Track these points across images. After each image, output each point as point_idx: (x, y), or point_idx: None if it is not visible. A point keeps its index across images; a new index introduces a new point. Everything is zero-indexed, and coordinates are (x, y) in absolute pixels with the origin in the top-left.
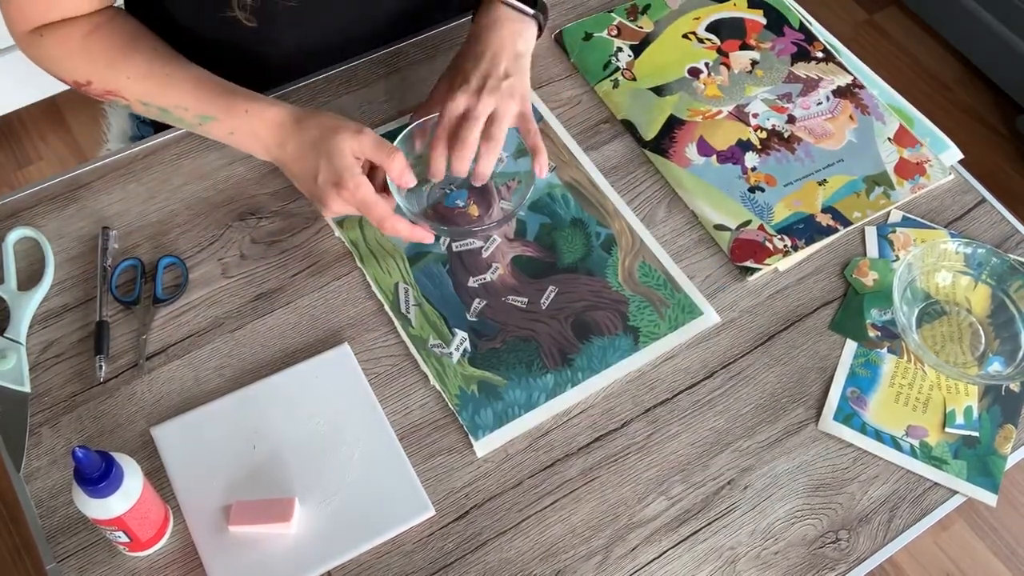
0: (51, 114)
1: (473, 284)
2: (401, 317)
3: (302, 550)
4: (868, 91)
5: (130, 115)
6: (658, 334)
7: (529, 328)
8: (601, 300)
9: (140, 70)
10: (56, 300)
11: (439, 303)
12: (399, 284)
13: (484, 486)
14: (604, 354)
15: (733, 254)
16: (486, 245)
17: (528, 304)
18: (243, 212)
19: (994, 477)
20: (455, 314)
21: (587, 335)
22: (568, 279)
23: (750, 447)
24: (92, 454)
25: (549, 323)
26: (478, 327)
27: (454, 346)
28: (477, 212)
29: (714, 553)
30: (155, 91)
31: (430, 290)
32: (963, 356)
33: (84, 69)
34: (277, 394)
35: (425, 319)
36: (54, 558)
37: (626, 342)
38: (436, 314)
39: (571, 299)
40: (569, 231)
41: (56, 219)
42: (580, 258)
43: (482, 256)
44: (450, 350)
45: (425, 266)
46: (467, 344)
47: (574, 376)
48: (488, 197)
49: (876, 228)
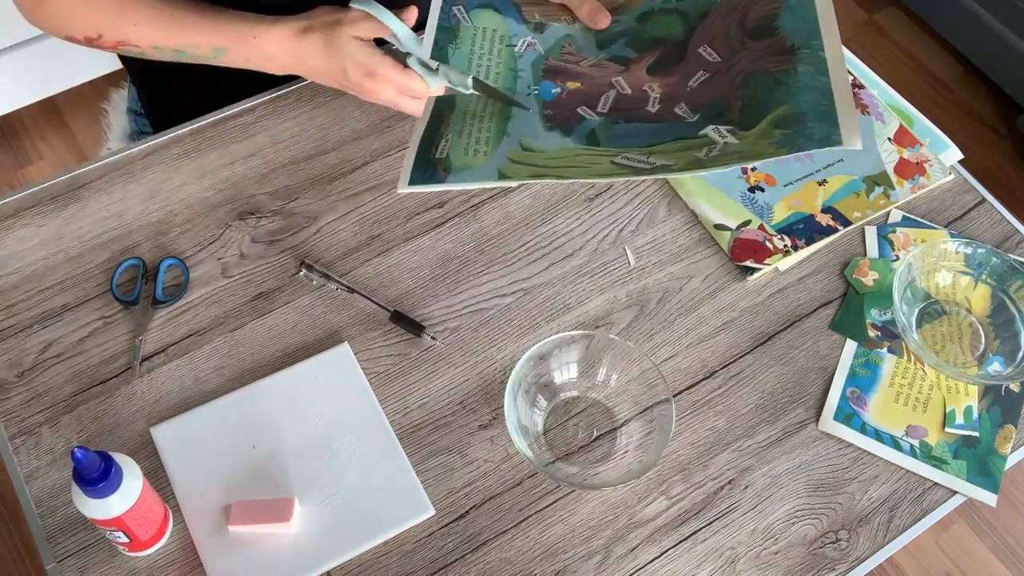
0: (51, 114)
1: (654, 108)
2: (652, 170)
3: (302, 550)
4: (868, 91)
5: (130, 114)
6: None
7: (734, 74)
8: (740, 7)
9: (147, 15)
10: (56, 300)
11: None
12: (612, 160)
13: (484, 486)
14: (799, 11)
15: (733, 254)
16: (618, 88)
17: (708, 70)
18: (243, 212)
19: (994, 477)
20: (681, 130)
21: (768, 25)
22: (700, 34)
23: (750, 447)
24: (91, 454)
25: (737, 56)
26: (708, 115)
27: (719, 137)
28: (578, 84)
29: (714, 553)
30: (164, 33)
31: (640, 140)
32: (963, 356)
33: (93, 22)
34: (277, 394)
35: (670, 152)
36: (54, 558)
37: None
38: (672, 143)
39: (724, 34)
40: (649, 22)
41: (56, 219)
42: (683, 20)
43: (628, 93)
44: (722, 141)
45: (607, 136)
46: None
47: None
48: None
49: (876, 228)
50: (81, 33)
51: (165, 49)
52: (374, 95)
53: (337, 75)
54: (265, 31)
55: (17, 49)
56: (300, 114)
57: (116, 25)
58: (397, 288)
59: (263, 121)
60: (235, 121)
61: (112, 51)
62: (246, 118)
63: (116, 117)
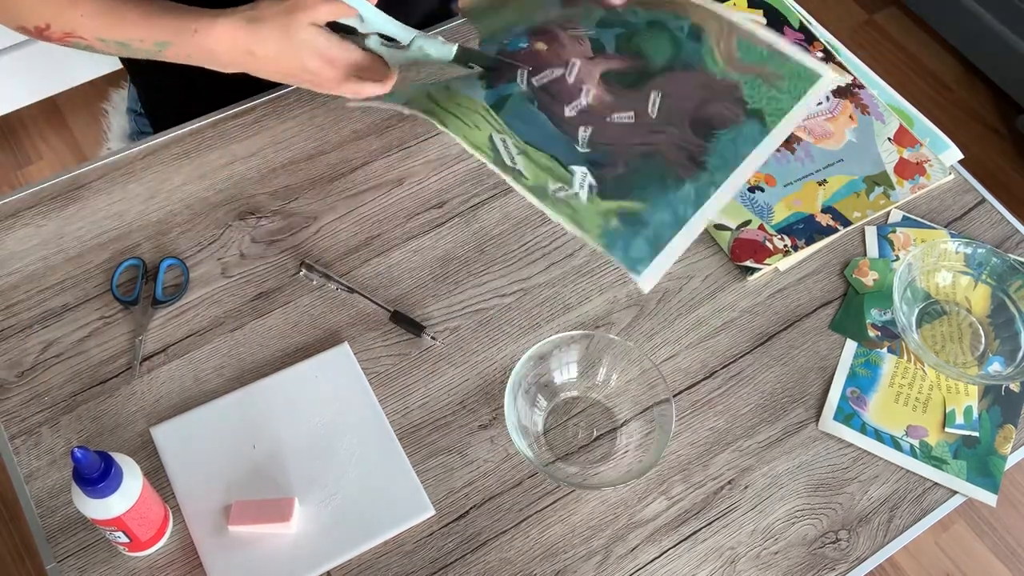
0: (51, 114)
1: (570, 113)
2: (510, 171)
3: (302, 550)
4: (868, 91)
5: (130, 115)
6: (784, 109)
7: (646, 142)
8: (711, 91)
9: (93, 6)
10: (56, 300)
11: (544, 143)
12: (492, 136)
13: (484, 486)
14: (735, 145)
15: (733, 254)
16: (567, 69)
17: (636, 118)
18: (243, 212)
19: (994, 477)
20: (565, 151)
21: (710, 131)
22: (668, 79)
23: (750, 447)
24: (91, 454)
25: (666, 130)
26: (593, 157)
27: (577, 184)
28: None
29: (714, 553)
30: (109, 26)
31: (529, 132)
32: (963, 356)
33: (41, 11)
34: (277, 394)
35: (536, 165)
36: (54, 558)
37: (753, 126)
38: (546, 156)
39: (680, 100)
40: (648, 32)
41: (56, 219)
42: (672, 55)
43: (569, 81)
44: (575, 190)
45: (513, 110)
46: (590, 178)
47: (712, 177)
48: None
49: (876, 228)
50: (30, 23)
51: (110, 42)
52: (333, 86)
53: (293, 68)
54: (207, 25)
55: (17, 49)
56: (300, 114)
57: (63, 16)
58: (397, 288)
59: (263, 121)
60: (235, 121)
61: (60, 43)
62: (246, 118)
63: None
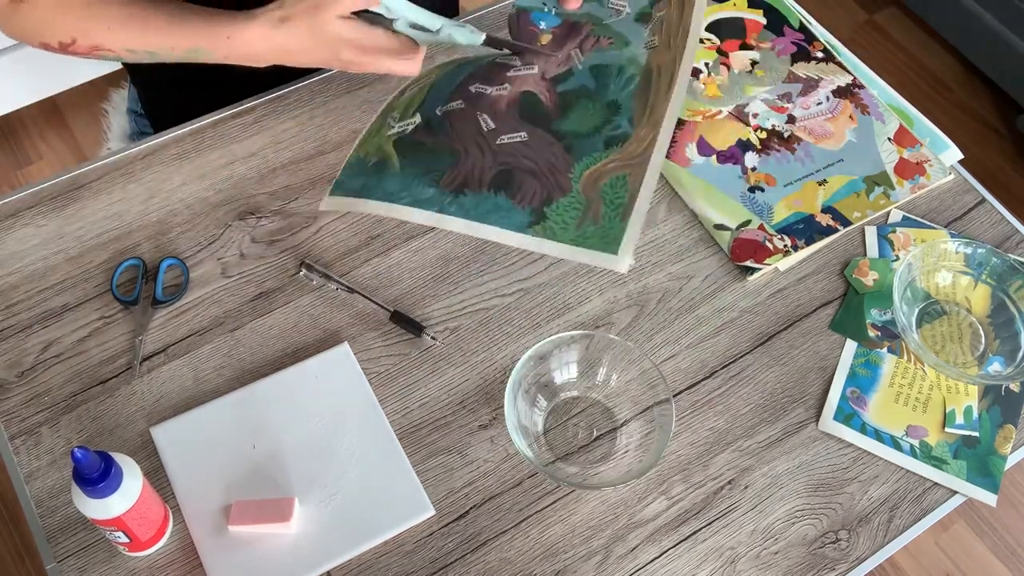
0: (51, 114)
1: (472, 89)
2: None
3: (302, 550)
4: (868, 91)
5: (130, 115)
6: (556, 236)
7: (464, 147)
8: (547, 177)
9: (119, 18)
10: (56, 300)
11: (432, 90)
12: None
13: (484, 486)
14: (495, 211)
15: (733, 254)
16: (520, 66)
17: (488, 130)
18: (243, 212)
19: (994, 477)
20: (432, 102)
21: (500, 188)
22: (544, 141)
23: (750, 447)
24: (91, 454)
25: (484, 156)
26: (434, 119)
27: (402, 124)
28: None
29: (714, 553)
30: (137, 37)
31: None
32: (963, 356)
33: (67, 28)
34: (277, 394)
35: (411, 99)
36: (54, 558)
37: (523, 218)
38: (421, 96)
39: (524, 155)
40: (594, 109)
41: (56, 219)
42: (575, 134)
43: (507, 73)
44: (396, 125)
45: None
46: (411, 127)
47: (450, 207)
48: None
49: (876, 228)
50: (55, 39)
51: (140, 52)
52: (370, 68)
53: (328, 58)
54: (240, 30)
55: (17, 49)
56: (300, 114)
57: (89, 30)
58: (397, 288)
59: (263, 121)
60: (235, 121)
61: (87, 57)
62: (246, 118)
63: (116, 117)
